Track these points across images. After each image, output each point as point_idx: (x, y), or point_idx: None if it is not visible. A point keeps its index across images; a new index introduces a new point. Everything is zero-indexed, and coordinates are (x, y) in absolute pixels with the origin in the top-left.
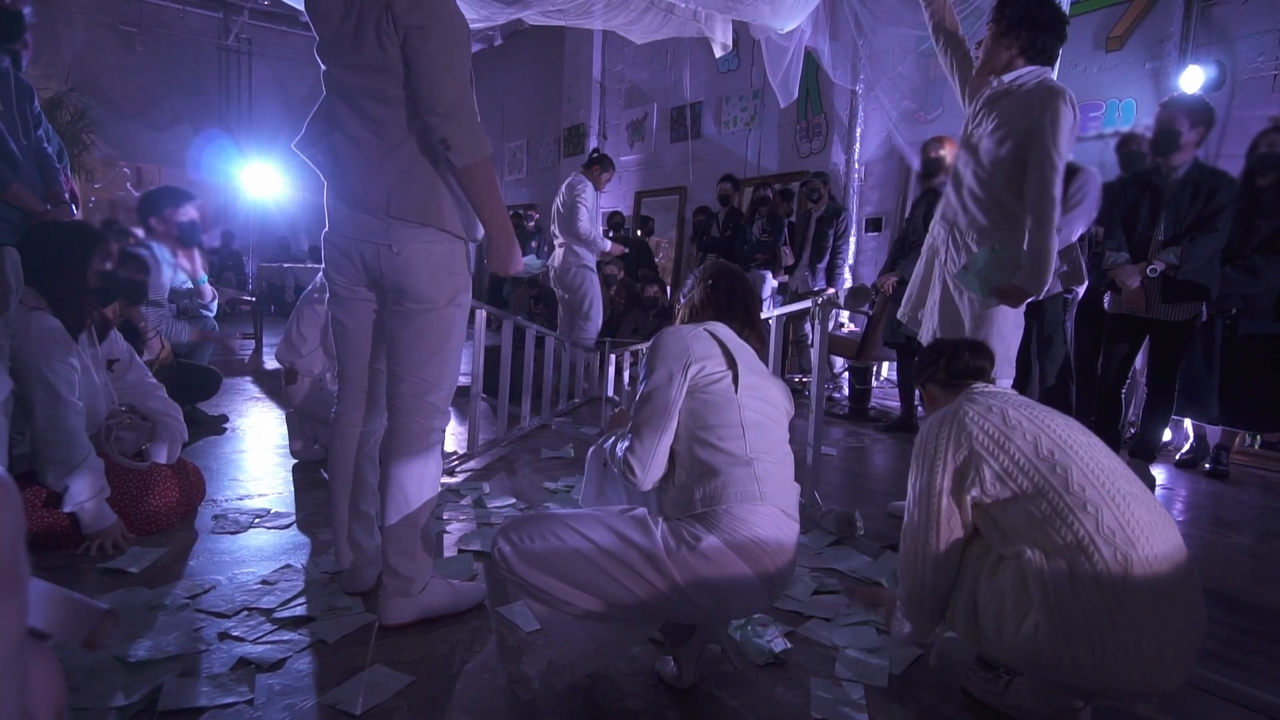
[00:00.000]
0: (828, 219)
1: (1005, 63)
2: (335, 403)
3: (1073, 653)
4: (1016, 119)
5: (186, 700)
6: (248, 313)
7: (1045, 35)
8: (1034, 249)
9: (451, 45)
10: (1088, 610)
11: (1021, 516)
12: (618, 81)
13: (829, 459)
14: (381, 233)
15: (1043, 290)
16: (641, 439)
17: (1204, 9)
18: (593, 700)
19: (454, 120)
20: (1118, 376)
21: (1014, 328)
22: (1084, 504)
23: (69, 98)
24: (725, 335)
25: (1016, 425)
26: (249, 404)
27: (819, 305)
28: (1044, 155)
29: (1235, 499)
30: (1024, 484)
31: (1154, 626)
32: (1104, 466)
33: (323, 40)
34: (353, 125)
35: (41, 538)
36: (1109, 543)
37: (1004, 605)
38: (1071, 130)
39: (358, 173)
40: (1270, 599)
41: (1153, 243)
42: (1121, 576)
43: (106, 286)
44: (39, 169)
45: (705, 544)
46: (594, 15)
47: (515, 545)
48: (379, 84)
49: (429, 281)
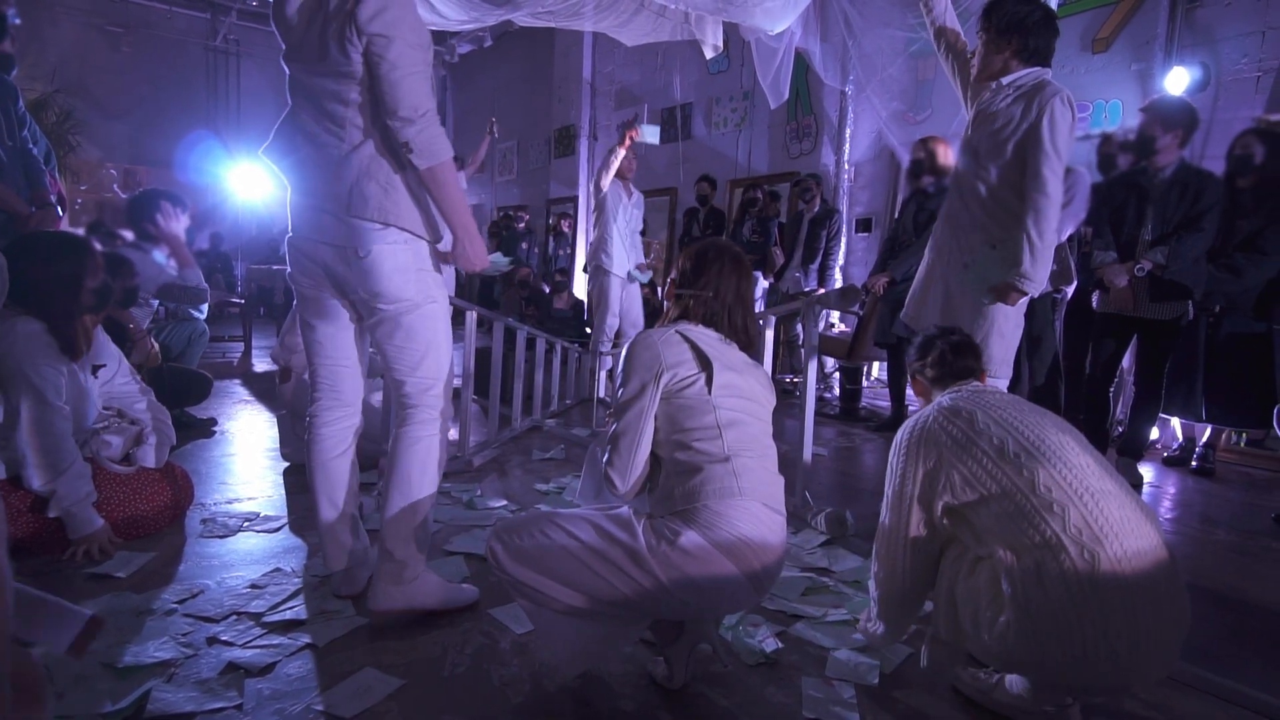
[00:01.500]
0: (820, 220)
1: (1001, 67)
2: (308, 403)
3: (1042, 650)
4: (1016, 120)
5: (175, 706)
6: (236, 315)
7: (1037, 36)
8: (1032, 247)
9: (412, 51)
10: (1054, 608)
11: (991, 518)
12: (608, 82)
13: (820, 459)
14: (345, 236)
15: (1040, 289)
16: (618, 450)
17: (1188, 11)
18: (585, 701)
19: (415, 124)
20: (1105, 375)
21: (1014, 327)
22: (1050, 504)
23: (55, 99)
24: (698, 335)
25: (984, 430)
26: (238, 407)
27: (808, 305)
28: (1043, 154)
29: (1221, 496)
30: (991, 487)
31: (1124, 622)
32: (1075, 465)
33: (289, 47)
34: (315, 128)
35: (27, 543)
36: (1075, 542)
37: (979, 604)
38: (1070, 130)
39: (319, 174)
40: (1257, 595)
41: (1140, 242)
42: (1088, 574)
43: (100, 300)
44: (24, 171)
45: (684, 539)
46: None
47: (505, 544)
48: (342, 88)
49: (399, 282)
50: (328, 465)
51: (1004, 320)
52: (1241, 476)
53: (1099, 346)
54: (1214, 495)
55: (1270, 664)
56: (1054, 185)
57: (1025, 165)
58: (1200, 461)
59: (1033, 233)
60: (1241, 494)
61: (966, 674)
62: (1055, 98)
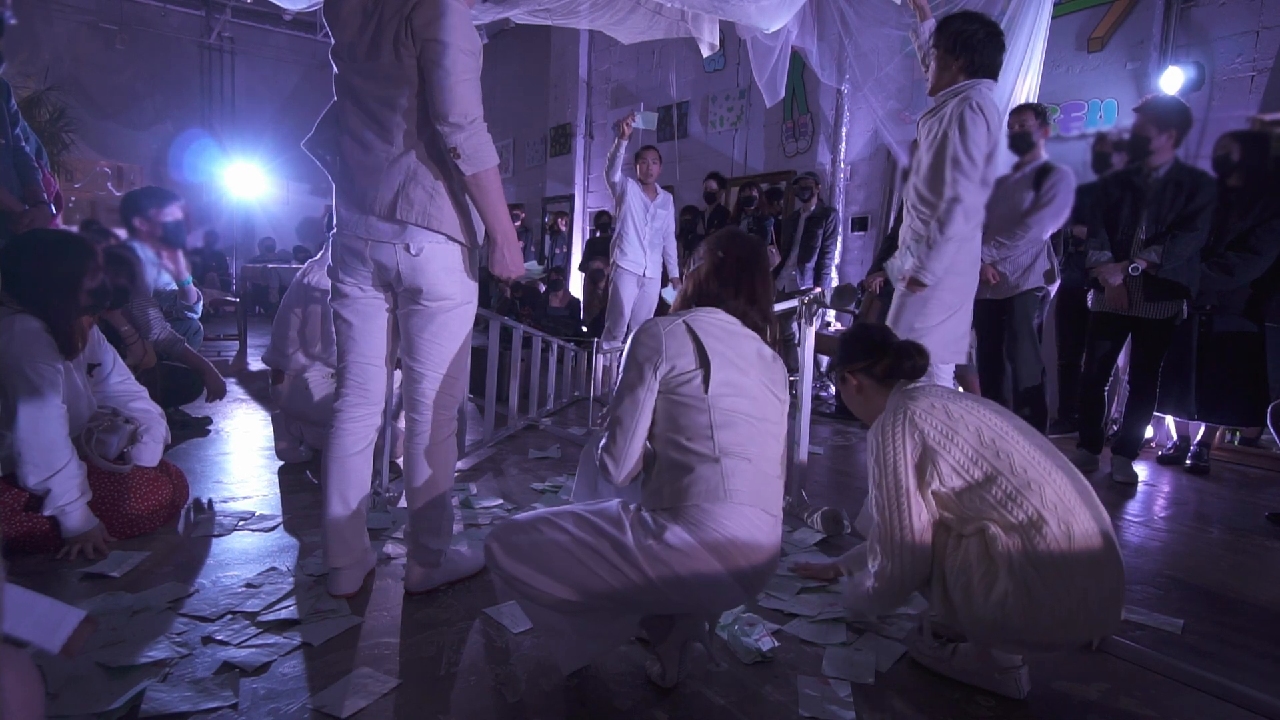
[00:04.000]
0: (816, 219)
1: (949, 80)
2: (334, 399)
3: (1037, 615)
4: (938, 127)
5: (169, 705)
6: (232, 314)
7: (983, 52)
8: (930, 242)
9: (466, 58)
10: (1046, 578)
11: (977, 501)
12: (604, 81)
13: (816, 457)
14: (395, 234)
15: (932, 279)
16: (614, 437)
17: (1183, 10)
18: (580, 700)
19: (465, 130)
20: (1100, 374)
21: (945, 312)
22: (1028, 483)
23: (48, 96)
24: (704, 327)
25: (960, 419)
26: (233, 406)
27: (805, 304)
28: (951, 158)
29: (1215, 494)
30: (976, 473)
31: (1094, 583)
32: (1036, 444)
33: (339, 45)
34: (362, 130)
35: (21, 542)
36: (1054, 515)
37: (971, 578)
38: (984, 135)
39: (365, 176)
40: (1251, 593)
41: (1134, 241)
42: (1067, 544)
43: (98, 300)
44: (16, 169)
45: (670, 536)
46: (580, 15)
47: (501, 541)
48: (391, 92)
49: (446, 280)
50: (345, 461)
51: (920, 305)
52: (1236, 475)
53: (1094, 345)
54: (1208, 494)
55: (1266, 663)
56: (963, 187)
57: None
58: (1195, 460)
59: (934, 229)
60: (1236, 492)
61: (924, 645)
62: (965, 105)
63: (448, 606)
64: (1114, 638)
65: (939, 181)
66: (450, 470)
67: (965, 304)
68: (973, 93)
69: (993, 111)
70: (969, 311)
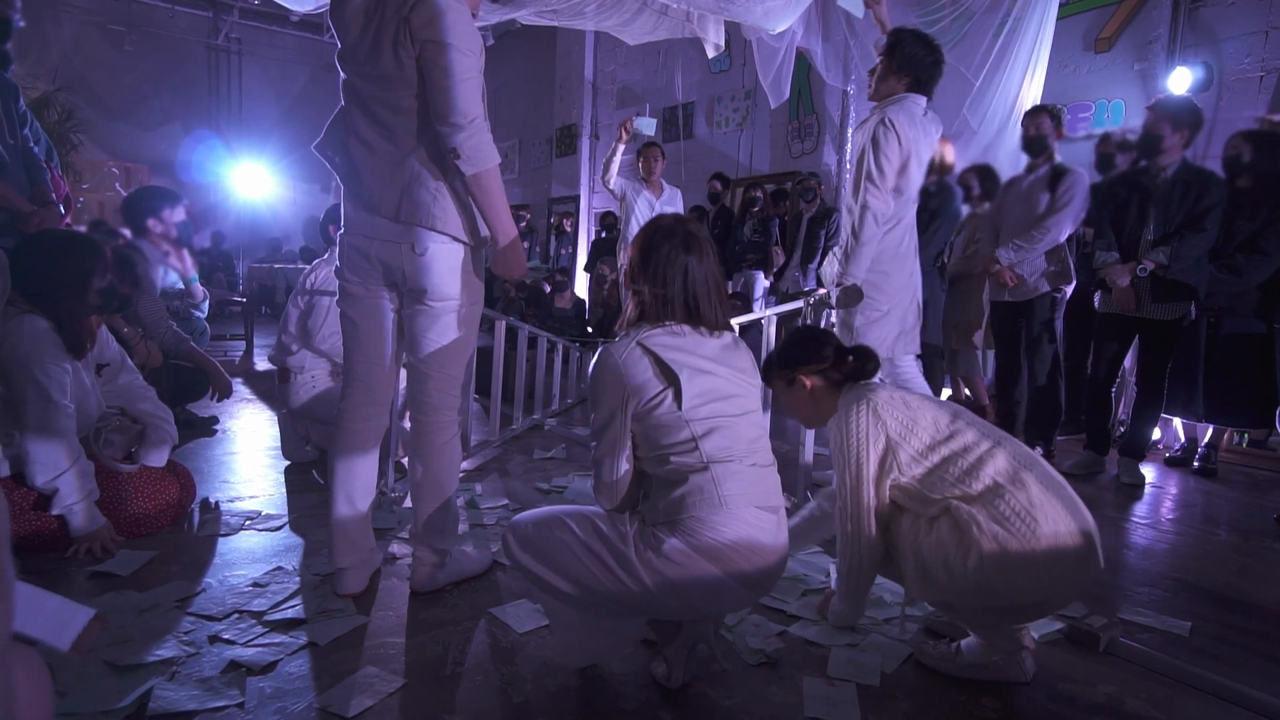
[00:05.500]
0: (819, 219)
1: (887, 91)
2: (340, 399)
3: (1014, 577)
4: (864, 139)
5: (176, 704)
6: (238, 314)
7: (927, 73)
8: (845, 247)
9: (465, 58)
10: (1014, 530)
11: (938, 482)
12: (610, 82)
13: (821, 458)
14: (401, 234)
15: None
16: (600, 475)
17: (1191, 10)
18: (586, 701)
19: (465, 130)
20: (1108, 375)
21: (879, 313)
22: (980, 458)
23: (56, 97)
24: (660, 343)
25: (918, 408)
26: (240, 405)
27: (811, 306)
28: (865, 169)
29: (1223, 497)
30: (934, 459)
31: (1066, 533)
32: (976, 425)
33: (343, 48)
34: (367, 132)
35: (29, 541)
36: (1008, 479)
37: (949, 552)
38: (895, 149)
39: (371, 177)
40: (1258, 596)
41: (1142, 242)
42: (1029, 502)
43: (106, 300)
44: (25, 169)
45: (667, 547)
46: (587, 16)
47: (516, 532)
48: (393, 94)
49: (450, 281)
50: (351, 462)
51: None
52: (1243, 477)
53: (1101, 347)
54: (1216, 496)
55: (1272, 664)
56: (872, 195)
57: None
58: (1202, 462)
59: (849, 235)
60: (1243, 494)
61: (929, 647)
62: (879, 121)
63: (453, 606)
64: (1120, 639)
65: (859, 190)
66: (455, 470)
67: (901, 301)
68: (889, 109)
69: (905, 127)
70: (905, 309)
